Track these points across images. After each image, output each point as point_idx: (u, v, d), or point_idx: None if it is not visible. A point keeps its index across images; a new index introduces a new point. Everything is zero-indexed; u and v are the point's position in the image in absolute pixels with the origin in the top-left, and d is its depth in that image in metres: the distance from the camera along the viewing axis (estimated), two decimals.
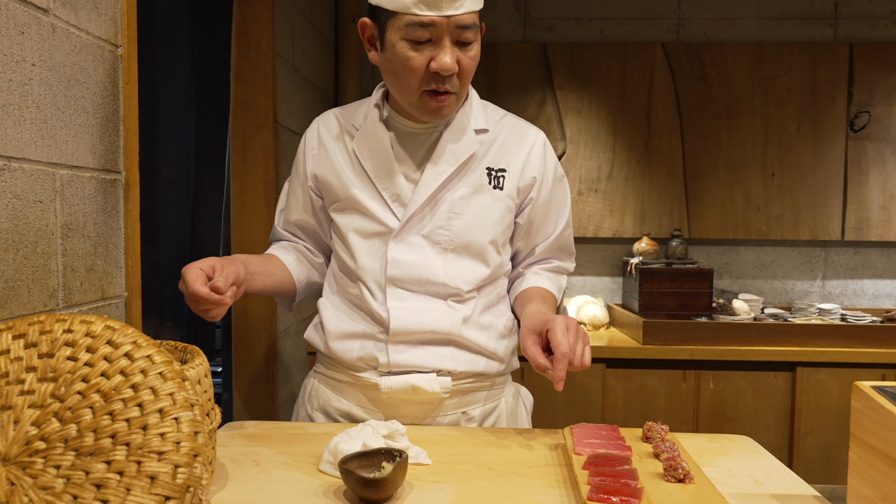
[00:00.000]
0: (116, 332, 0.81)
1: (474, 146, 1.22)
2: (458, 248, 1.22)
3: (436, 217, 1.21)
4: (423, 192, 1.20)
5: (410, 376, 1.20)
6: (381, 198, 1.22)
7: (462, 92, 1.18)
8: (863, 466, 0.82)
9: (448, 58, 1.10)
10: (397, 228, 1.20)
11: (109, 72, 1.11)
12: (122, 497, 0.71)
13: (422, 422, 1.24)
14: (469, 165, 1.23)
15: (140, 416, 0.76)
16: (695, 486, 0.86)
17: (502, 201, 1.24)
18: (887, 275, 3.37)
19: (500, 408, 1.30)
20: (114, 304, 1.14)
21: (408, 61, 1.11)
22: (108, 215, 1.11)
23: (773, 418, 2.76)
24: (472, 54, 1.14)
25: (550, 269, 1.38)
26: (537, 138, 1.31)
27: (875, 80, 3.22)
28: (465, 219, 1.21)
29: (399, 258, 1.20)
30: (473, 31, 1.12)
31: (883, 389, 0.81)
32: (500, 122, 1.29)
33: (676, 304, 2.90)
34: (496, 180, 1.24)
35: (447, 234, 1.21)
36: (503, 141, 1.27)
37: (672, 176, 3.29)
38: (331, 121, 1.32)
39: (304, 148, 1.33)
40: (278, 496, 0.91)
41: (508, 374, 1.35)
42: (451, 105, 1.17)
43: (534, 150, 1.29)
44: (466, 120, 1.24)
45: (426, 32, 1.09)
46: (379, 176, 1.22)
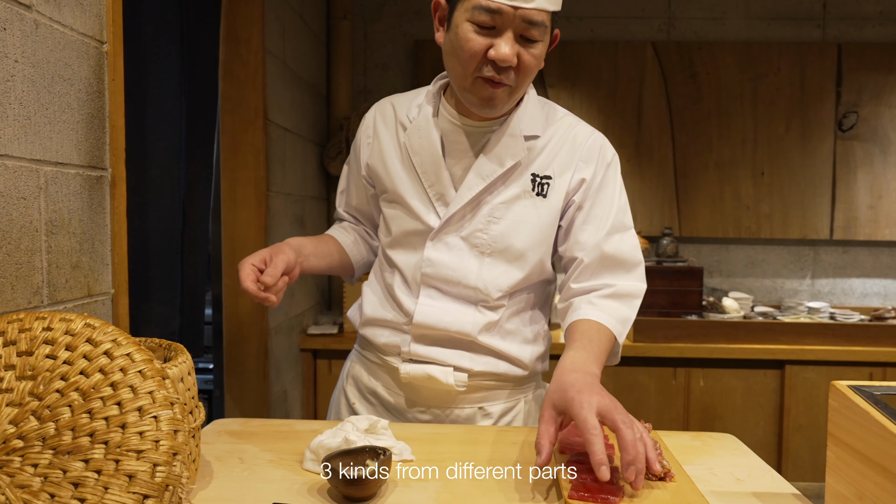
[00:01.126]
0: (96, 331, 0.81)
1: (521, 153, 1.19)
2: (494, 253, 1.21)
3: (476, 220, 1.20)
4: (464, 195, 1.19)
5: (428, 366, 1.22)
6: (426, 195, 1.22)
7: (518, 90, 1.14)
8: (840, 465, 0.83)
9: (507, 48, 1.07)
10: (437, 228, 1.20)
11: (95, 68, 1.10)
12: (99, 495, 0.71)
13: (441, 409, 1.26)
14: (514, 171, 1.20)
15: (119, 415, 0.76)
16: (675, 484, 0.87)
17: (545, 209, 1.21)
18: (875, 274, 3.40)
19: (518, 407, 1.30)
20: (100, 300, 1.14)
21: (467, 43, 1.09)
22: (94, 212, 1.11)
23: (762, 416, 2.77)
24: (535, 52, 1.11)
25: (607, 296, 1.18)
26: (591, 140, 1.23)
27: (863, 80, 3.24)
28: (504, 224, 1.20)
29: (435, 258, 1.21)
30: (541, 30, 1.09)
31: (860, 389, 0.81)
32: (555, 126, 1.23)
33: (667, 302, 2.92)
34: (540, 187, 1.20)
35: (485, 238, 1.20)
36: (553, 147, 1.22)
37: (663, 175, 3.30)
38: (387, 110, 1.31)
39: (361, 136, 1.34)
40: (262, 494, 0.91)
41: (535, 377, 1.34)
42: (503, 98, 1.13)
43: (586, 155, 1.22)
44: (518, 125, 1.19)
45: (491, 19, 1.06)
46: (426, 173, 1.21)
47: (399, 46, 3.42)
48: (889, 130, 3.26)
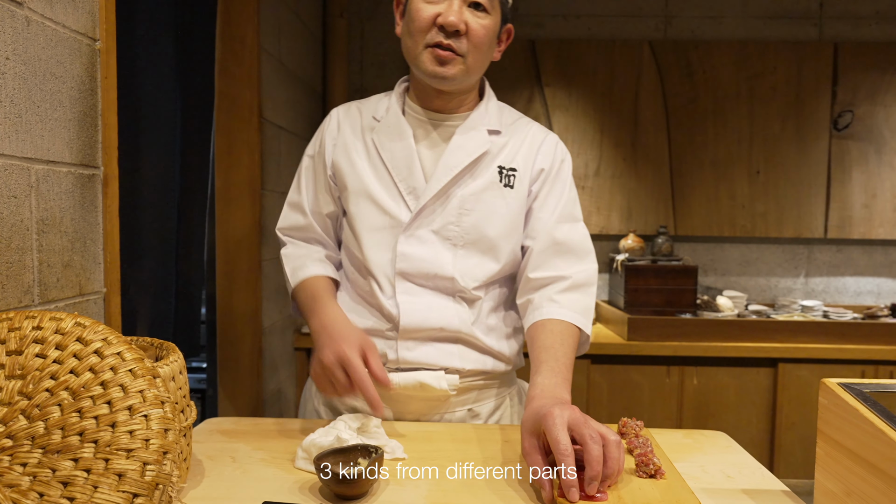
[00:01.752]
0: (86, 329, 0.81)
1: (486, 145, 1.23)
2: (467, 244, 1.22)
3: (446, 212, 1.21)
4: (434, 186, 1.20)
5: (419, 373, 1.20)
6: (396, 189, 1.22)
7: (471, 61, 1.17)
8: (829, 462, 0.83)
9: (454, 15, 1.12)
10: (407, 221, 1.21)
11: (87, 66, 1.10)
12: (88, 494, 0.71)
13: (429, 419, 1.25)
14: (481, 162, 1.23)
15: (109, 414, 0.75)
16: (665, 481, 0.87)
17: (513, 200, 1.24)
18: (869, 272, 3.41)
19: (505, 404, 1.31)
20: (92, 300, 1.14)
21: (418, 13, 1.15)
22: (86, 210, 1.11)
23: (755, 413, 2.78)
24: (483, 23, 1.15)
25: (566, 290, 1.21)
26: (547, 137, 1.31)
27: (859, 79, 3.24)
28: (475, 215, 1.21)
29: (408, 252, 1.21)
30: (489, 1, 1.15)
31: (849, 386, 0.82)
32: (513, 125, 1.30)
33: (661, 300, 2.92)
34: (507, 178, 1.24)
35: (457, 230, 1.21)
36: (514, 143, 1.27)
37: (658, 173, 3.31)
38: (351, 112, 1.32)
39: (325, 136, 1.32)
40: (254, 493, 0.91)
41: (514, 372, 1.36)
42: (456, 68, 1.17)
43: (543, 148, 1.28)
44: (480, 120, 1.25)
45: None
46: (397, 167, 1.22)
47: (395, 44, 3.42)
48: (884, 130, 3.26)
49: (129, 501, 0.73)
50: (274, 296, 2.50)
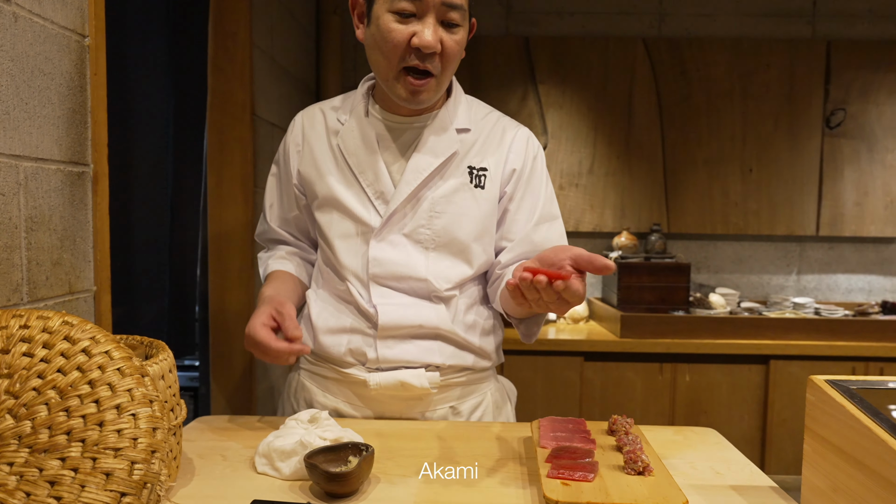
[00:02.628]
0: (74, 328, 0.81)
1: (455, 145, 1.21)
2: (439, 247, 1.21)
3: (417, 216, 1.19)
4: (403, 190, 1.18)
5: (399, 372, 1.19)
6: (364, 195, 1.20)
7: (443, 78, 1.15)
8: (816, 458, 0.83)
9: (430, 34, 1.08)
10: (378, 227, 1.19)
11: (76, 62, 1.09)
12: (76, 494, 0.71)
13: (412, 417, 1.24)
14: (450, 164, 1.21)
15: (96, 413, 0.75)
16: (654, 478, 0.87)
17: (484, 200, 1.22)
18: (860, 269, 3.43)
19: (486, 401, 1.30)
20: (82, 298, 1.13)
21: (390, 34, 1.09)
22: (75, 208, 1.10)
23: (747, 410, 2.80)
24: (457, 38, 1.12)
25: None
26: (518, 133, 1.28)
27: (851, 77, 3.26)
28: (446, 217, 1.20)
29: (380, 257, 1.19)
30: (461, 14, 1.10)
31: (836, 383, 0.82)
32: (483, 121, 1.27)
33: (654, 298, 2.93)
34: (478, 179, 1.22)
35: (428, 233, 1.20)
36: (484, 140, 1.25)
37: (652, 171, 3.31)
38: (315, 115, 1.29)
39: (289, 145, 1.30)
40: (244, 491, 0.91)
41: (493, 368, 1.35)
42: (430, 90, 1.14)
43: (514, 146, 1.26)
44: (449, 118, 1.22)
45: (411, 6, 1.07)
46: (364, 172, 1.20)
47: None
48: (876, 128, 3.28)
49: (116, 500, 0.73)
50: None
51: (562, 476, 0.86)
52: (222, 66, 2.18)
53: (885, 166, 3.29)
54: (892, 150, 3.29)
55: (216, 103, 2.19)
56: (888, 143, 3.29)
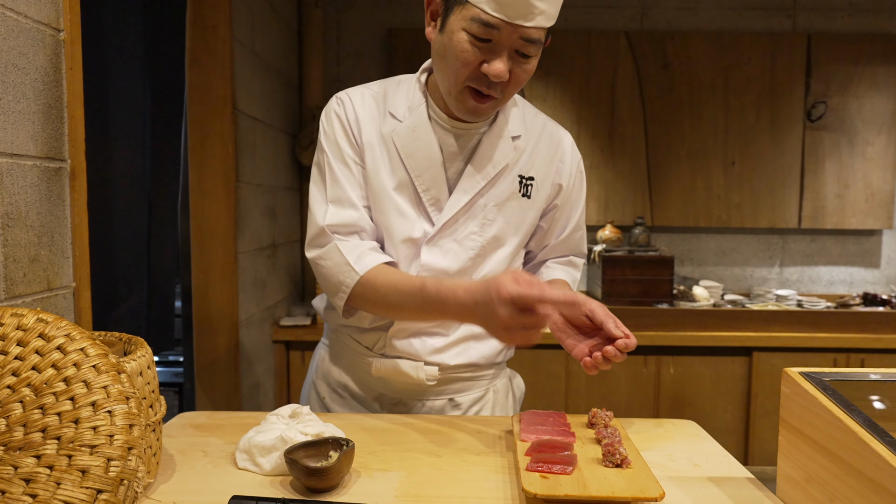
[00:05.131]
0: (49, 325, 0.80)
1: (510, 154, 1.19)
2: (486, 253, 1.22)
3: (469, 223, 1.19)
4: (461, 199, 1.17)
5: (399, 361, 1.22)
6: (418, 199, 1.17)
7: (505, 100, 1.13)
8: (790, 449, 0.85)
9: (502, 65, 1.04)
10: (432, 233, 1.18)
11: (51, 57, 1.08)
12: (51, 491, 0.71)
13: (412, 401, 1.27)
14: (504, 172, 1.21)
15: (72, 410, 0.75)
16: (631, 470, 0.88)
17: (530, 209, 1.24)
18: (841, 262, 3.47)
19: (488, 396, 1.31)
20: (61, 294, 1.12)
21: (462, 53, 1.05)
22: (52, 204, 1.09)
23: (731, 402, 2.83)
24: (528, 67, 1.09)
25: (563, 263, 1.36)
26: (564, 142, 1.28)
27: (832, 71, 3.28)
28: (497, 225, 1.20)
29: (431, 263, 1.18)
30: (536, 47, 1.06)
31: (810, 376, 0.83)
32: (533, 126, 1.25)
33: (638, 291, 2.95)
34: (525, 188, 1.22)
35: (480, 241, 1.20)
36: (534, 147, 1.24)
37: (635, 164, 3.32)
38: (367, 103, 1.19)
39: (345, 124, 1.18)
40: (224, 487, 0.90)
41: (502, 364, 1.36)
42: (489, 109, 1.12)
43: (563, 158, 1.27)
44: (504, 124, 1.20)
45: (488, 32, 1.02)
46: (422, 177, 1.16)
47: (372, 35, 3.40)
48: (856, 120, 3.31)
49: (93, 497, 0.72)
50: (251, 289, 2.49)
51: (540, 469, 0.87)
52: (202, 59, 2.16)
53: (865, 159, 3.33)
54: (873, 142, 3.32)
55: (196, 97, 2.17)
56: (868, 135, 3.32)
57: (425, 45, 1.15)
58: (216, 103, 2.18)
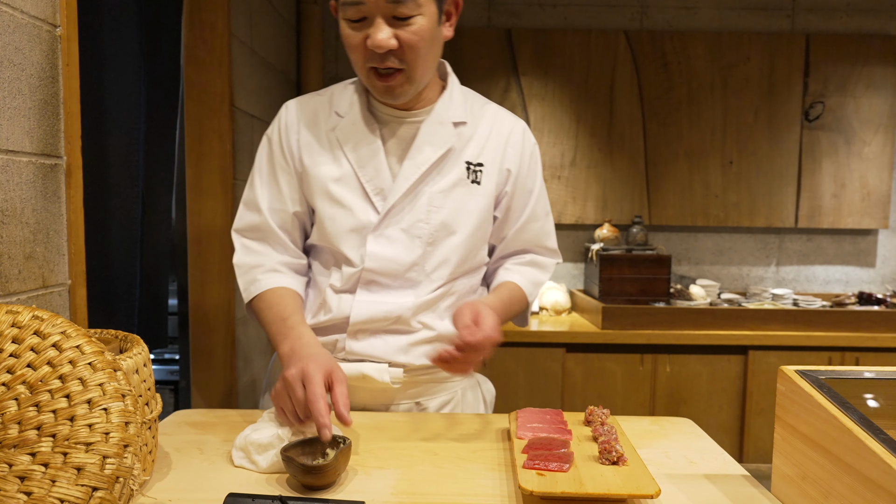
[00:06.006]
0: (44, 323, 0.80)
1: (452, 139, 1.20)
2: (436, 242, 1.21)
3: (415, 210, 1.19)
4: (401, 185, 1.17)
5: (362, 364, 1.19)
6: (362, 190, 1.19)
7: (415, 71, 1.12)
8: (785, 447, 0.85)
9: (380, 35, 1.06)
10: (376, 222, 1.19)
11: (47, 53, 1.08)
12: (46, 489, 0.70)
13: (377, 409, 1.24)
14: (447, 159, 1.21)
15: (67, 408, 0.75)
16: (628, 467, 0.88)
17: (481, 196, 1.23)
18: (837, 261, 3.47)
19: (456, 399, 1.30)
20: (56, 291, 1.12)
21: (348, 39, 1.11)
22: (48, 201, 1.09)
23: (726, 400, 2.83)
24: (413, 29, 1.08)
25: (524, 263, 1.33)
26: (515, 128, 1.28)
27: (830, 70, 3.29)
28: (444, 212, 1.20)
29: (378, 252, 1.18)
30: (409, 6, 1.07)
31: (805, 373, 0.84)
32: (480, 113, 1.26)
33: (636, 289, 2.95)
34: (474, 174, 1.22)
35: (427, 228, 1.19)
36: (482, 133, 1.24)
37: (633, 163, 3.33)
38: (308, 107, 1.25)
39: (284, 129, 1.24)
40: (220, 485, 0.90)
41: None
42: (401, 84, 1.13)
43: (511, 142, 1.26)
44: (445, 111, 1.21)
45: (357, 11, 1.07)
46: (364, 167, 1.18)
47: None
48: (854, 121, 3.32)
49: (88, 495, 0.72)
50: None
51: (537, 466, 0.87)
52: (200, 57, 2.15)
53: (861, 159, 3.34)
54: (869, 142, 3.33)
55: (193, 94, 2.16)
56: (865, 135, 3.33)
57: None
58: (214, 100, 2.17)
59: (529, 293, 1.30)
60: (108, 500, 0.73)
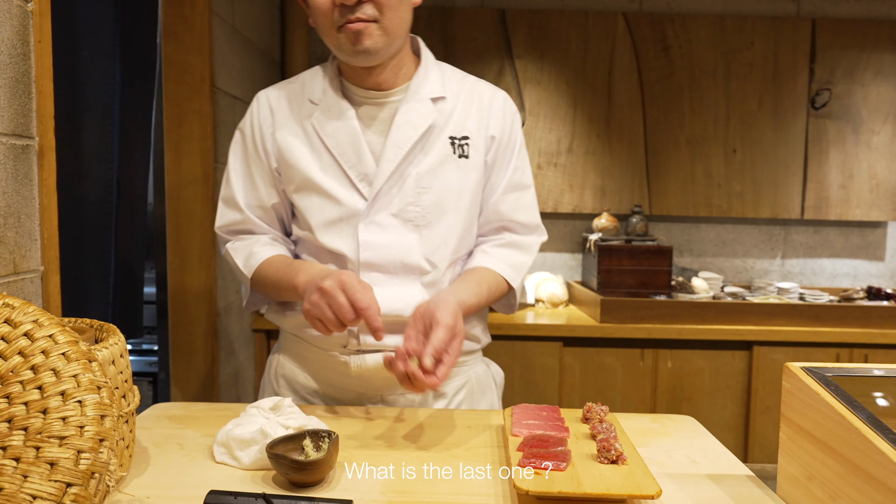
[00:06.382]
0: (15, 311, 0.77)
1: (432, 116, 1.17)
2: (431, 224, 1.17)
3: (403, 193, 1.16)
4: (386, 168, 1.14)
5: (380, 355, 1.16)
6: (346, 178, 1.16)
7: (387, 23, 1.09)
8: (791, 446, 0.81)
9: None
10: (365, 209, 1.15)
11: (18, 29, 1.03)
12: (18, 484, 0.68)
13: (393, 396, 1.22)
14: (430, 136, 1.17)
15: (40, 400, 0.72)
16: (627, 466, 0.84)
17: (471, 170, 1.20)
18: (845, 254, 3.41)
19: (470, 383, 1.28)
20: (28, 278, 1.08)
21: (320, 5, 1.08)
22: (19, 183, 1.04)
23: (730, 397, 2.78)
24: None
25: (501, 245, 1.28)
26: (495, 97, 1.25)
27: (836, 56, 3.21)
28: (434, 192, 1.17)
29: (372, 240, 1.15)
30: None
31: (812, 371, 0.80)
32: (458, 87, 1.23)
33: (635, 281, 2.90)
34: (461, 149, 1.19)
35: (418, 210, 1.16)
36: (463, 106, 1.21)
37: (633, 151, 3.26)
38: (281, 94, 1.23)
39: (258, 123, 1.22)
40: (202, 481, 0.87)
41: (481, 351, 1.33)
42: (373, 35, 1.09)
43: (493, 111, 1.23)
44: (422, 88, 1.19)
45: None
46: (345, 154, 1.15)
47: None
48: (861, 109, 3.24)
49: (62, 491, 0.69)
50: (230, 275, 2.42)
51: (533, 465, 0.83)
52: (178, 34, 2.07)
53: (870, 148, 3.26)
54: (878, 131, 3.25)
55: (172, 74, 2.08)
56: (874, 124, 3.25)
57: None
58: (194, 80, 2.09)
59: (510, 277, 1.24)
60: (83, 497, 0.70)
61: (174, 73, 2.09)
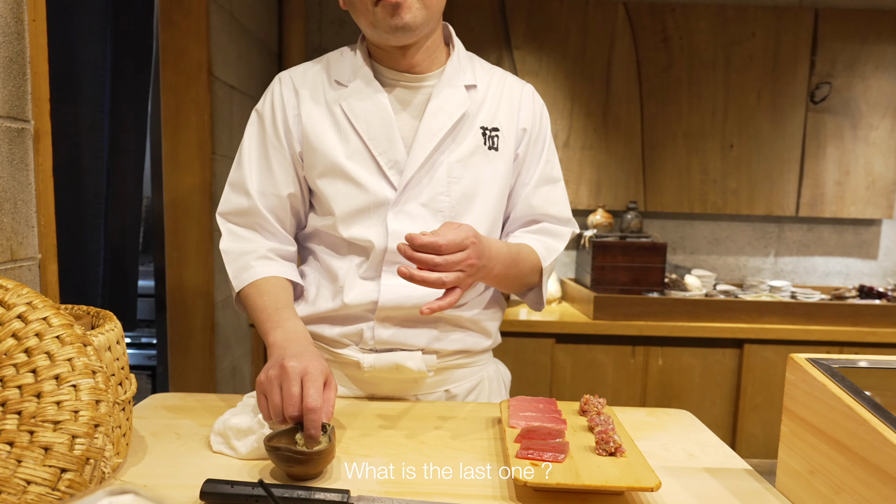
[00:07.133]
0: (9, 293, 0.75)
1: (466, 103, 1.13)
2: (459, 214, 1.14)
3: (434, 183, 1.12)
4: (418, 156, 1.10)
5: (395, 354, 1.14)
6: (374, 164, 1.11)
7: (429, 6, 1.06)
8: (793, 439, 0.81)
9: None
10: (394, 198, 1.11)
11: (12, 6, 1.00)
12: (11, 469, 0.67)
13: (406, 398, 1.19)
14: (462, 125, 1.14)
15: (34, 383, 0.71)
16: (625, 459, 0.84)
17: (500, 162, 1.17)
18: (838, 252, 3.42)
19: (482, 384, 1.26)
20: (26, 266, 1.06)
21: None
22: (15, 169, 1.02)
23: (719, 395, 2.79)
24: None
25: (535, 231, 1.24)
26: (525, 90, 1.23)
27: (838, 48, 3.17)
28: (464, 182, 1.13)
29: (399, 230, 1.10)
30: None
31: (817, 362, 0.79)
32: (487, 77, 1.20)
33: (629, 278, 2.90)
34: (491, 140, 1.16)
35: (448, 201, 1.13)
36: (493, 97, 1.18)
37: (630, 146, 3.24)
38: (306, 74, 1.17)
39: (280, 105, 1.15)
40: (199, 470, 0.86)
41: (492, 352, 1.31)
42: (412, 8, 1.04)
43: (523, 103, 1.21)
44: (456, 74, 1.15)
45: None
46: (375, 138, 1.10)
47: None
48: (861, 103, 3.21)
49: (56, 476, 0.68)
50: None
51: (531, 457, 0.83)
52: (175, 20, 2.03)
53: (868, 144, 3.24)
54: (877, 126, 3.23)
55: (169, 61, 2.05)
56: (873, 119, 3.22)
57: None
58: (191, 68, 2.06)
59: (543, 257, 1.20)
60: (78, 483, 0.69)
61: (171, 60, 2.06)
